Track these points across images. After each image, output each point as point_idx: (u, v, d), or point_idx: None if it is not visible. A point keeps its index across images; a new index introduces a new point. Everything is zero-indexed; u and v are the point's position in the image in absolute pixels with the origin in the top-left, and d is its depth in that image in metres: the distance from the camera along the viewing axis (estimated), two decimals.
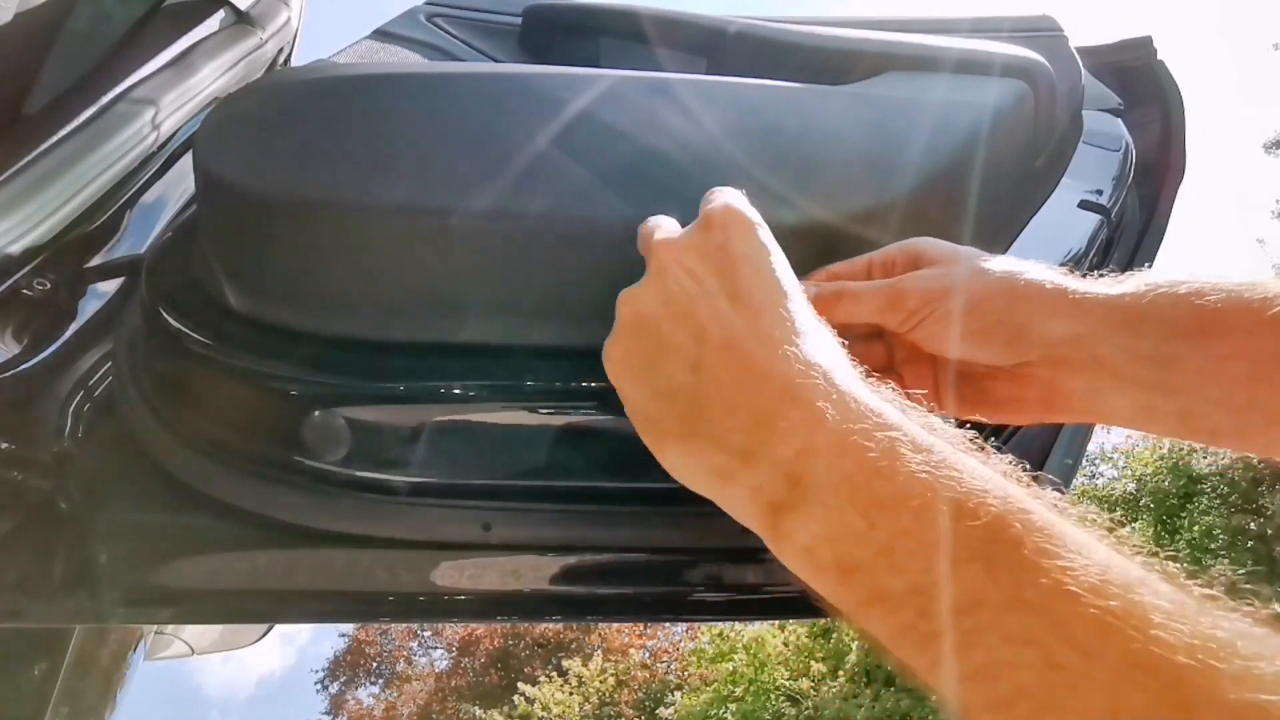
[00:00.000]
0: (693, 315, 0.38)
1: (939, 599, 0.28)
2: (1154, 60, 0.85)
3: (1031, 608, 0.26)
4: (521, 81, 0.57)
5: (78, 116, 0.63)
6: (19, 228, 0.57)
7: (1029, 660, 0.26)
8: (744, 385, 0.35)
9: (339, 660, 13.05)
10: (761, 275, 0.39)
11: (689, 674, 9.84)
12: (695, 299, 0.38)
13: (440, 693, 12.33)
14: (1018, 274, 0.45)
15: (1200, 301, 0.41)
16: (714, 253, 0.40)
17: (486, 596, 0.56)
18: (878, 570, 0.30)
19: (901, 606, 0.29)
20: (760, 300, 0.38)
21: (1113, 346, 0.42)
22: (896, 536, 0.30)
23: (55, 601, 0.53)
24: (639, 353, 0.40)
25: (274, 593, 0.55)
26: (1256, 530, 6.94)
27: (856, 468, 0.31)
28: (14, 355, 0.58)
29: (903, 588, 0.29)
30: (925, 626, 0.28)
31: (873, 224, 0.52)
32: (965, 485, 0.30)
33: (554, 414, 0.53)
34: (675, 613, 0.60)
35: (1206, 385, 0.40)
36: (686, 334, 0.38)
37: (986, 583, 0.27)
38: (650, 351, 0.39)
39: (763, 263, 0.40)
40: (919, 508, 0.29)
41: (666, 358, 0.38)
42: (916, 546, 0.29)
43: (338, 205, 0.49)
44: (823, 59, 0.66)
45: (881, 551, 0.30)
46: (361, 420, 0.53)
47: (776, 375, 0.35)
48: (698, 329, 0.37)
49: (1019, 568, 0.27)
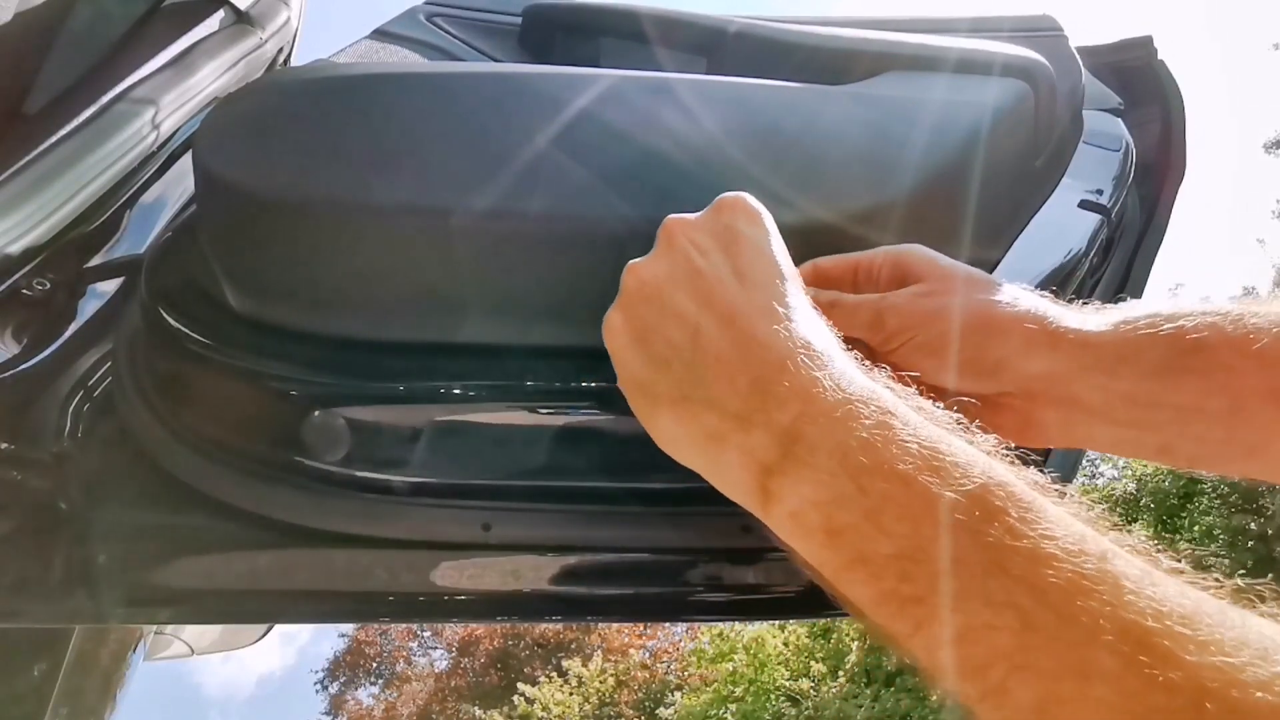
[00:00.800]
0: (696, 285, 0.39)
1: (922, 563, 0.29)
2: (1154, 60, 0.85)
3: (1010, 572, 0.27)
4: (521, 81, 0.57)
5: (78, 116, 0.63)
6: (19, 228, 0.57)
7: (1006, 623, 0.26)
8: (743, 353, 0.36)
9: (339, 660, 13.05)
10: (764, 255, 0.40)
11: (689, 674, 9.85)
12: (700, 270, 0.40)
13: (440, 693, 12.34)
14: (998, 304, 0.45)
15: (1182, 338, 0.41)
16: (721, 231, 0.41)
17: (486, 596, 0.56)
18: (863, 534, 0.31)
19: (885, 571, 0.30)
20: (762, 277, 0.39)
21: (1089, 385, 0.43)
22: (884, 501, 0.30)
23: (55, 601, 0.53)
24: (639, 320, 0.40)
25: (274, 593, 0.55)
26: (1256, 530, 6.94)
27: (849, 435, 0.32)
28: (14, 355, 0.58)
29: (887, 552, 0.30)
30: (907, 590, 0.29)
31: (873, 224, 0.52)
32: (951, 459, 0.31)
33: (554, 414, 0.53)
34: (675, 613, 0.60)
35: (1186, 422, 0.41)
36: (689, 301, 0.39)
37: (969, 548, 0.28)
38: (651, 318, 0.40)
39: (765, 244, 0.41)
40: (907, 475, 0.30)
41: (666, 324, 0.39)
42: (902, 512, 0.30)
43: (337, 205, 0.49)
44: (823, 59, 0.66)
45: (868, 515, 0.31)
46: (361, 420, 0.53)
47: (777, 346, 0.36)
48: (701, 297, 0.39)
49: (1001, 534, 0.28)
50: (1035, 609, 0.26)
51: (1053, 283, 0.63)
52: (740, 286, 0.38)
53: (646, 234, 0.49)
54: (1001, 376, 0.44)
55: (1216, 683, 0.23)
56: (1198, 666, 0.23)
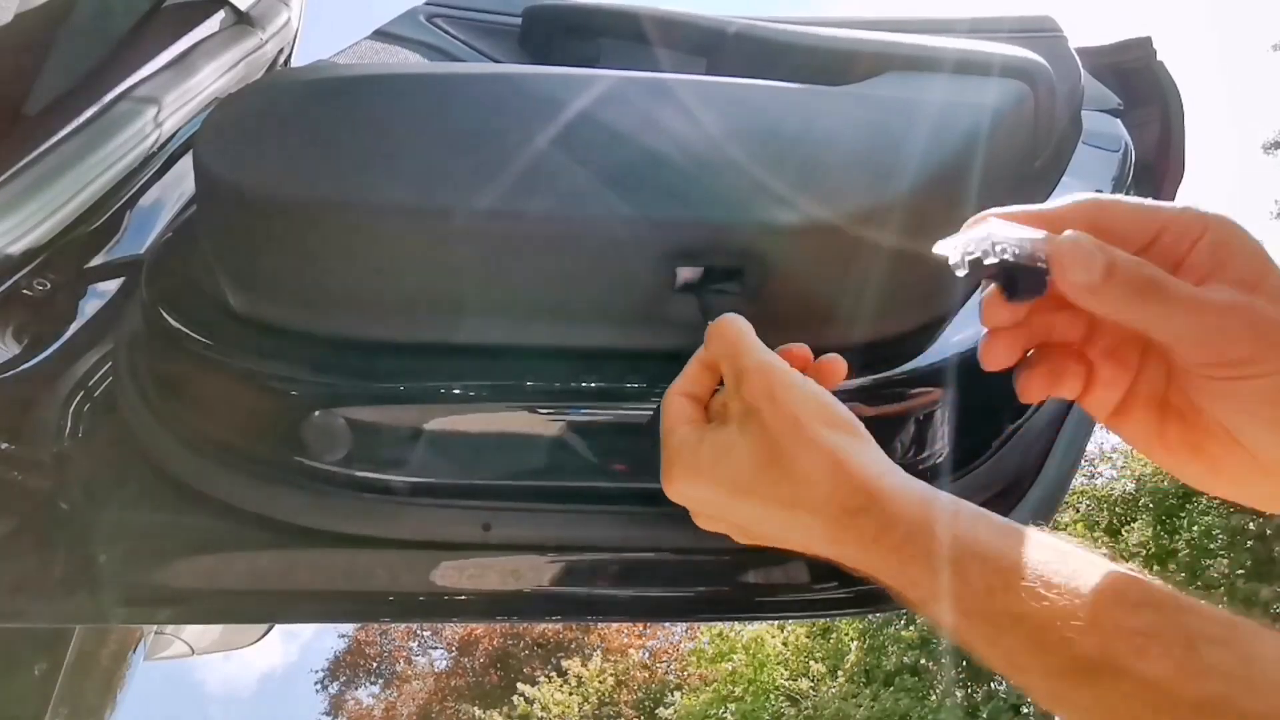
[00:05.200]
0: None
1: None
2: (1153, 61, 0.85)
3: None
4: (521, 82, 0.57)
5: (78, 116, 0.64)
6: (19, 228, 0.57)
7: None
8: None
9: (339, 660, 13.05)
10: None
11: (688, 674, 9.84)
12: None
13: (440, 693, 12.33)
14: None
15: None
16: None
17: (486, 596, 0.56)
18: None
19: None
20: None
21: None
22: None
23: (55, 601, 0.53)
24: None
25: (274, 593, 0.55)
26: (1256, 530, 6.94)
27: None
28: (14, 355, 0.58)
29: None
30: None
31: (872, 224, 0.52)
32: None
33: (554, 414, 0.53)
34: (675, 613, 0.60)
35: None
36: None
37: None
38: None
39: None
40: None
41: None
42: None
43: (337, 205, 0.49)
44: (822, 59, 0.66)
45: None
46: (361, 420, 0.53)
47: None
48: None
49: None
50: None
51: None
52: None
53: (646, 235, 0.49)
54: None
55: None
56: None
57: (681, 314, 0.50)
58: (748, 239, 0.50)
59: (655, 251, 0.50)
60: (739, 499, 0.41)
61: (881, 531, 0.37)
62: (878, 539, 0.37)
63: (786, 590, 0.59)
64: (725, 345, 0.44)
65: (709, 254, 0.50)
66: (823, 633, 8.74)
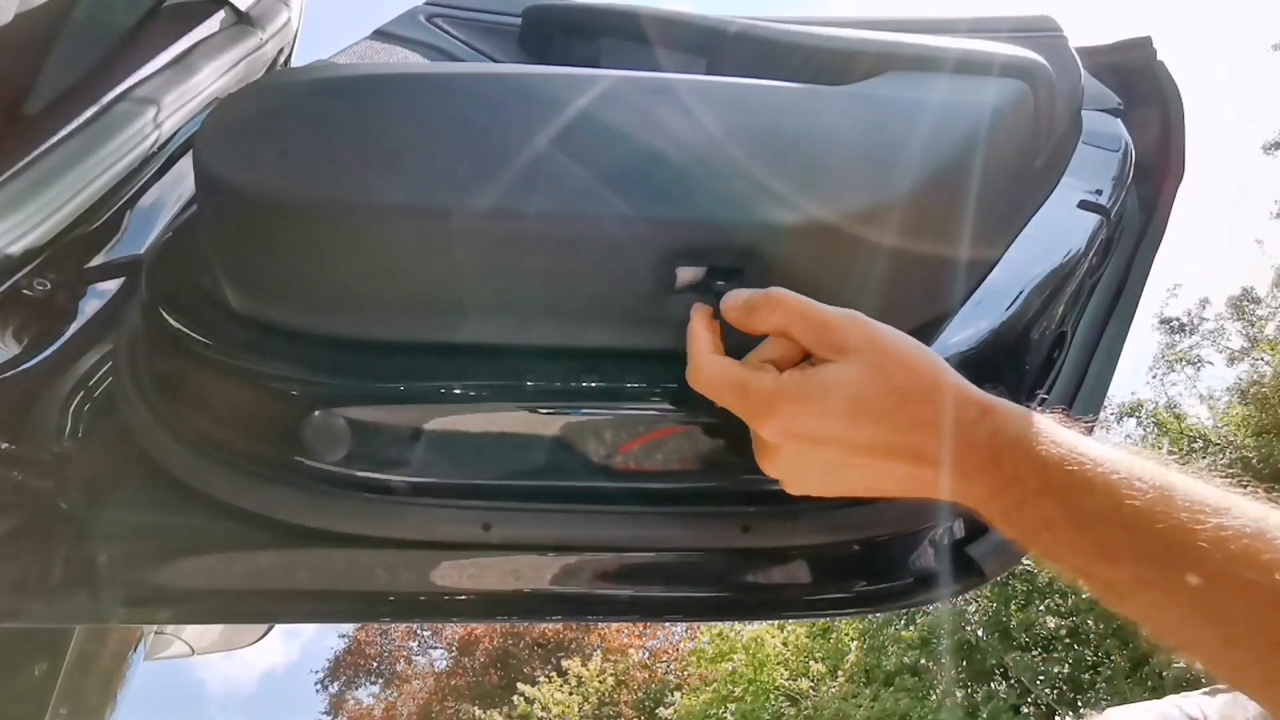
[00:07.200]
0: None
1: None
2: (1154, 60, 0.85)
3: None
4: (521, 82, 0.57)
5: (78, 116, 0.63)
6: (19, 228, 0.57)
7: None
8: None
9: (339, 660, 13.05)
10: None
11: (688, 674, 9.84)
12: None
13: (440, 693, 12.33)
14: None
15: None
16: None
17: (486, 596, 0.56)
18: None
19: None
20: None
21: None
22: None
23: (55, 601, 0.53)
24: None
25: (274, 593, 0.55)
26: None
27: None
28: (14, 355, 0.58)
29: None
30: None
31: (872, 224, 0.52)
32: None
33: (554, 414, 0.53)
34: (675, 612, 0.60)
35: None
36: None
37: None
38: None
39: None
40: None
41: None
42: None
43: (337, 205, 0.49)
44: (823, 59, 0.66)
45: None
46: (361, 420, 0.53)
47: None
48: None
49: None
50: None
51: (1052, 283, 0.63)
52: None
53: (646, 235, 0.49)
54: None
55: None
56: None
57: (682, 314, 0.50)
58: (748, 239, 0.50)
59: (655, 251, 0.50)
60: (855, 423, 0.43)
61: (996, 432, 0.41)
62: (992, 440, 0.41)
63: (786, 590, 0.59)
64: (791, 311, 0.46)
65: (709, 254, 0.50)
66: (823, 633, 8.74)
